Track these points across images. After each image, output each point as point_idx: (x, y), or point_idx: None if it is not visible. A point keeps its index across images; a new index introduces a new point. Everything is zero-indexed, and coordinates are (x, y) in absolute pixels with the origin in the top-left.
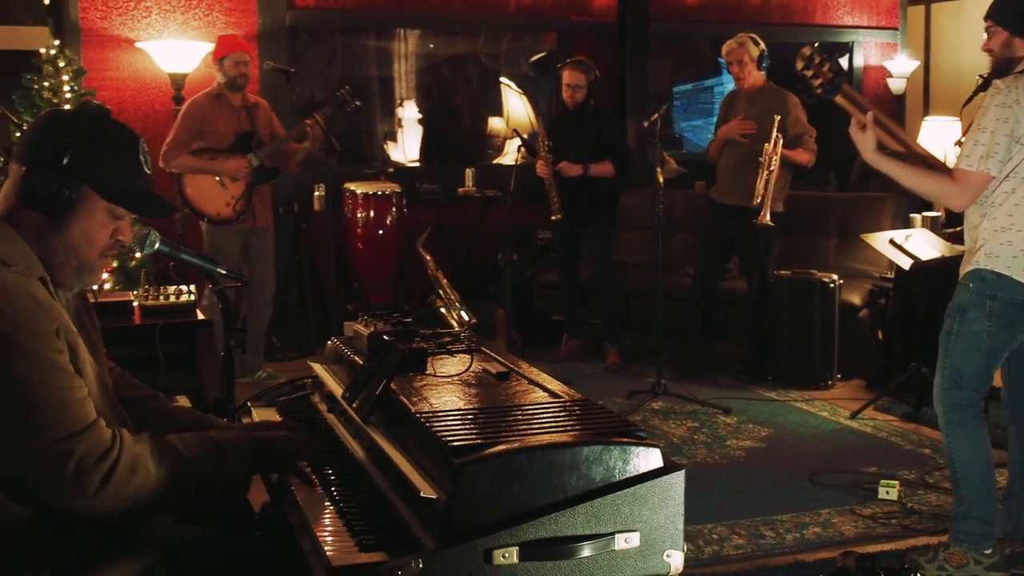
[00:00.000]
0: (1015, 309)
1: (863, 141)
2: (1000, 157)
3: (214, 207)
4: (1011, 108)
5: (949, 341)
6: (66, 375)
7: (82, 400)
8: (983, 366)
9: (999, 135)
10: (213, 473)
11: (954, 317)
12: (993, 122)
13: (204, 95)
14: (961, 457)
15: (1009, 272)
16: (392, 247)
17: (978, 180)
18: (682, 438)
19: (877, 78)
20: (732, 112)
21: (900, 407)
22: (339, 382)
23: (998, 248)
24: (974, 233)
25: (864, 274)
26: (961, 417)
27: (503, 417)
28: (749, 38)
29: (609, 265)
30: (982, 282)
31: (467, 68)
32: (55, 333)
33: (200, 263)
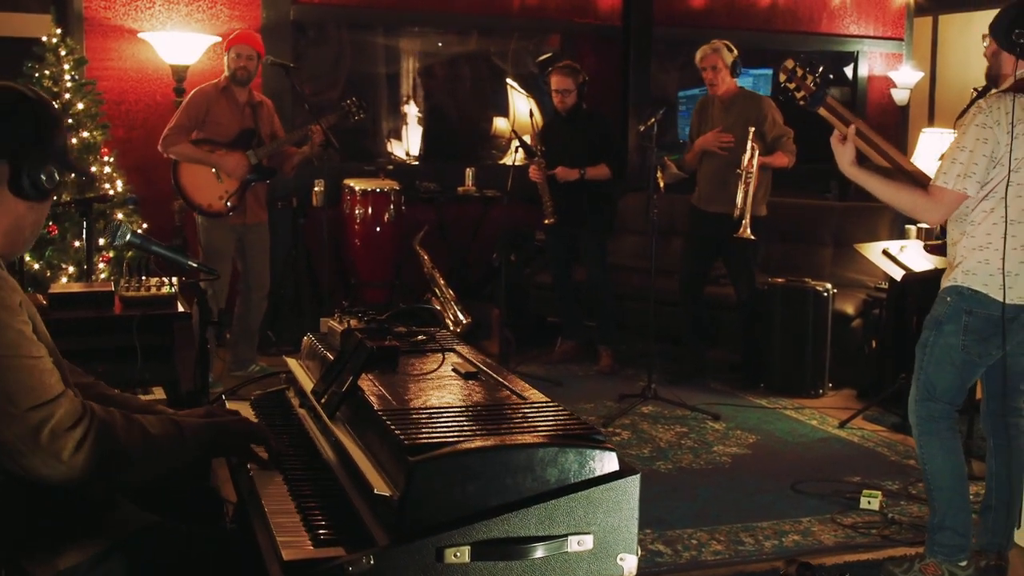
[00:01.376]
0: (990, 325)
1: (841, 153)
2: (978, 177)
3: (206, 199)
4: (991, 129)
5: (925, 353)
6: (35, 346)
7: (51, 370)
8: (956, 380)
9: (977, 155)
10: (175, 450)
11: (931, 330)
12: (972, 142)
13: (212, 85)
14: (933, 468)
15: (985, 290)
16: (389, 244)
17: (952, 198)
18: (669, 443)
19: (881, 88)
20: (705, 119)
21: (889, 417)
22: (312, 378)
23: (975, 266)
24: (953, 250)
25: (859, 284)
26: (933, 428)
27: (464, 417)
28: (724, 44)
29: (603, 268)
30: (959, 297)
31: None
32: (19, 305)
33: (170, 255)
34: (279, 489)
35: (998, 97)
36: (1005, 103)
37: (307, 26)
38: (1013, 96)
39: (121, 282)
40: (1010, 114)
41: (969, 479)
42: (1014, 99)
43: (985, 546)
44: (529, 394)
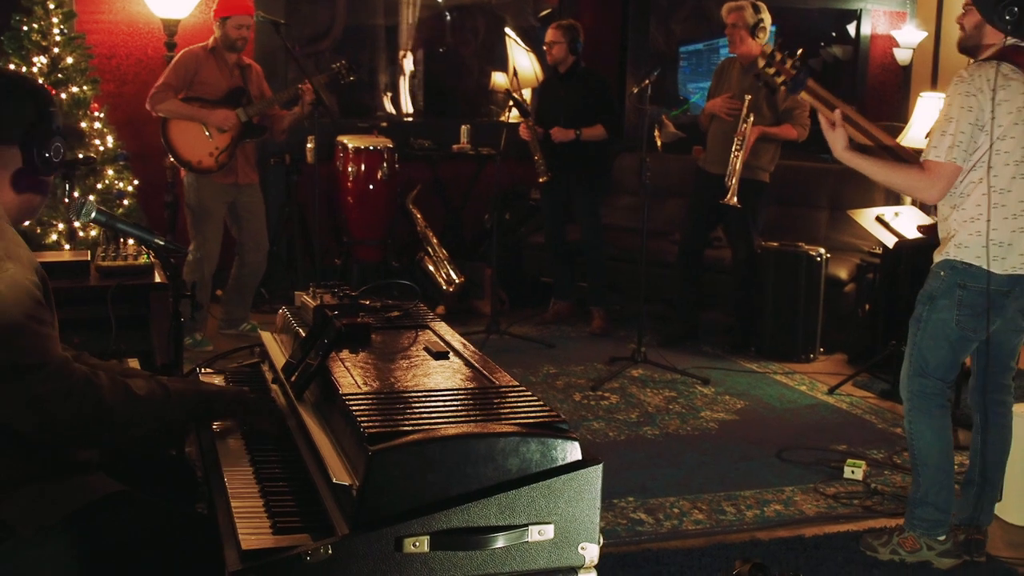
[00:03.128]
0: (984, 298)
1: (833, 138)
2: (965, 146)
3: (196, 155)
4: (975, 96)
5: (918, 328)
6: (41, 308)
7: (52, 336)
8: (950, 355)
9: (963, 124)
10: (159, 411)
11: (924, 304)
12: (958, 111)
13: (200, 47)
14: (921, 444)
15: (979, 262)
16: (382, 203)
17: (948, 170)
18: (657, 407)
19: (884, 47)
20: (724, 81)
21: (878, 384)
22: (285, 353)
23: (967, 239)
24: (945, 225)
25: (854, 248)
26: (925, 405)
27: (429, 402)
28: (750, 3)
29: (597, 228)
30: (952, 271)
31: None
32: (35, 270)
33: (136, 233)
34: (244, 471)
35: (979, 65)
36: (987, 71)
37: None
38: (996, 64)
39: (98, 250)
40: (991, 81)
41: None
42: (997, 67)
43: (965, 520)
44: (497, 377)
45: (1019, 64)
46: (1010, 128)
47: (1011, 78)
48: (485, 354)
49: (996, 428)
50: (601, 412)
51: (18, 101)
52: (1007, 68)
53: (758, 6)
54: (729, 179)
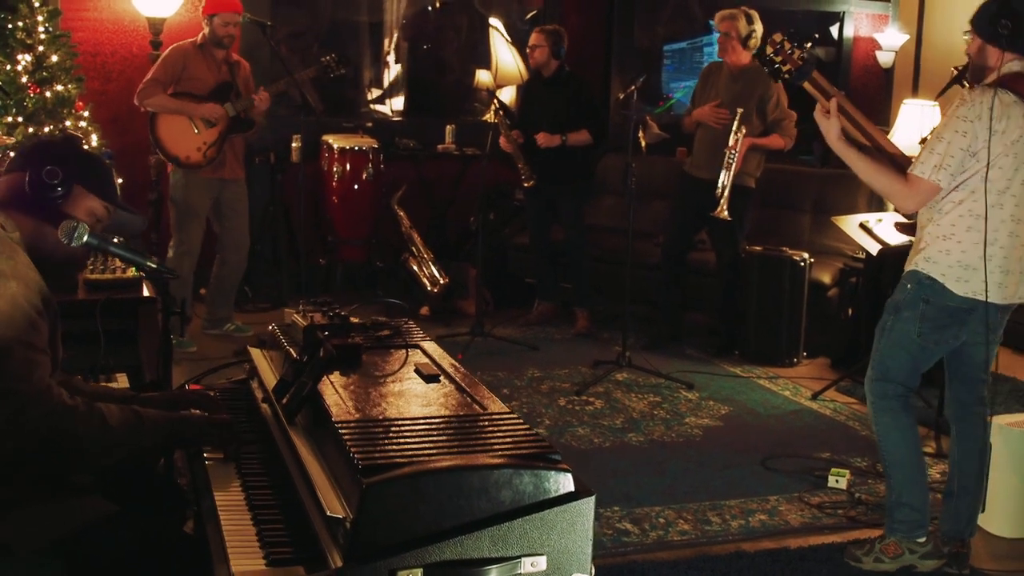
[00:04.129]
0: (946, 314)
1: (827, 127)
2: (952, 170)
3: (184, 151)
4: (972, 123)
5: (882, 336)
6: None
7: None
8: (910, 364)
9: (954, 148)
10: (131, 440)
11: (890, 313)
12: (952, 134)
13: (189, 43)
14: (888, 444)
15: (943, 280)
16: (367, 203)
17: (928, 188)
18: (642, 413)
19: (867, 50)
20: (710, 87)
21: (861, 389)
22: (274, 371)
23: (937, 254)
24: (920, 232)
25: (837, 252)
26: (887, 406)
27: (421, 431)
28: (744, 14)
29: (580, 230)
30: (918, 285)
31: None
32: (42, 298)
33: (129, 256)
34: (235, 495)
35: (982, 91)
36: (987, 98)
37: None
38: (995, 91)
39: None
40: (991, 109)
41: (938, 456)
42: (995, 94)
43: (947, 532)
44: (489, 403)
45: (1020, 92)
46: (999, 158)
47: (1011, 108)
48: (470, 356)
49: (969, 439)
50: (586, 418)
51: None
52: (1008, 97)
53: (751, 16)
54: (720, 192)
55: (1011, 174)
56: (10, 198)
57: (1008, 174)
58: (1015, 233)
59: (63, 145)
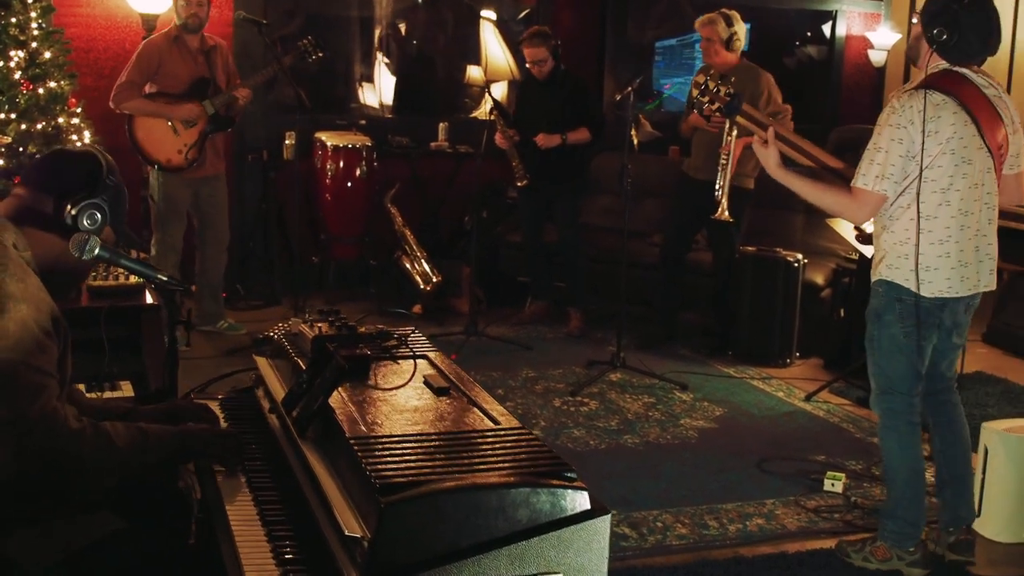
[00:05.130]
0: (921, 310)
1: (766, 156)
2: (895, 178)
3: (165, 154)
4: (905, 128)
5: (873, 347)
6: (43, 356)
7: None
8: (908, 366)
9: (893, 155)
10: (137, 460)
11: (873, 323)
12: (887, 142)
13: (162, 36)
14: (891, 462)
15: (907, 284)
16: (360, 200)
17: (873, 199)
18: (637, 414)
19: (859, 48)
20: None
21: (854, 391)
22: (281, 381)
23: (897, 261)
24: (877, 243)
25: (830, 252)
26: (894, 423)
27: (435, 447)
28: (721, 16)
29: (575, 229)
30: (888, 287)
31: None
32: (53, 320)
33: (140, 269)
34: (247, 510)
35: (910, 95)
36: (917, 101)
37: None
38: (924, 93)
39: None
40: (922, 112)
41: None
42: (925, 96)
43: (949, 522)
44: (500, 416)
45: (949, 91)
46: (939, 157)
47: (941, 107)
48: (464, 356)
49: (948, 426)
50: (581, 419)
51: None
52: (938, 97)
53: (730, 17)
54: (719, 194)
55: (952, 171)
56: (27, 216)
57: (949, 171)
58: (965, 225)
59: (84, 165)
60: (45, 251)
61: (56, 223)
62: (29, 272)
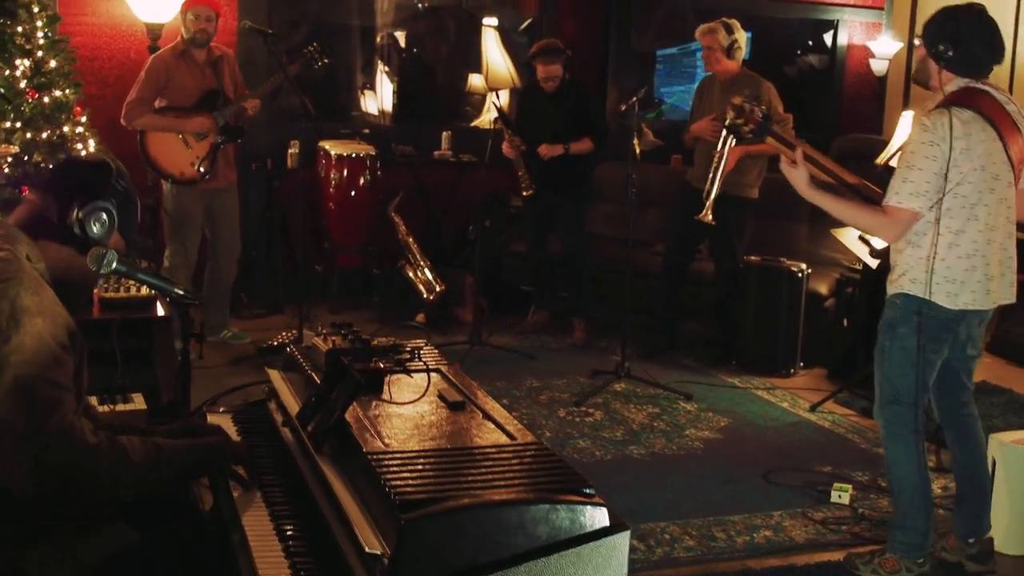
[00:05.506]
0: (939, 326)
1: (795, 176)
2: (930, 195)
3: (178, 167)
4: (938, 146)
5: (883, 358)
6: (60, 371)
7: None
8: (917, 379)
9: (928, 173)
10: (152, 474)
11: (885, 334)
12: (922, 160)
13: (169, 51)
14: (898, 472)
15: (933, 298)
16: (364, 209)
17: (907, 216)
18: (642, 424)
19: (860, 58)
20: (706, 100)
21: (859, 401)
22: (294, 394)
23: (921, 275)
24: (898, 257)
25: (833, 262)
26: (899, 432)
27: (453, 463)
28: (722, 24)
29: (580, 239)
30: (907, 299)
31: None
32: (68, 333)
33: (157, 283)
34: (264, 525)
35: (939, 113)
36: (945, 119)
37: None
38: (948, 112)
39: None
40: (951, 129)
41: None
42: (950, 114)
43: (969, 532)
44: (516, 431)
45: (974, 106)
46: (970, 174)
47: (970, 124)
48: (468, 365)
49: (968, 439)
50: (586, 430)
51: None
52: (966, 114)
53: (731, 26)
54: (706, 196)
55: (981, 186)
56: (39, 224)
57: (979, 187)
58: (991, 240)
59: (98, 173)
60: (58, 262)
61: (67, 232)
62: (44, 285)
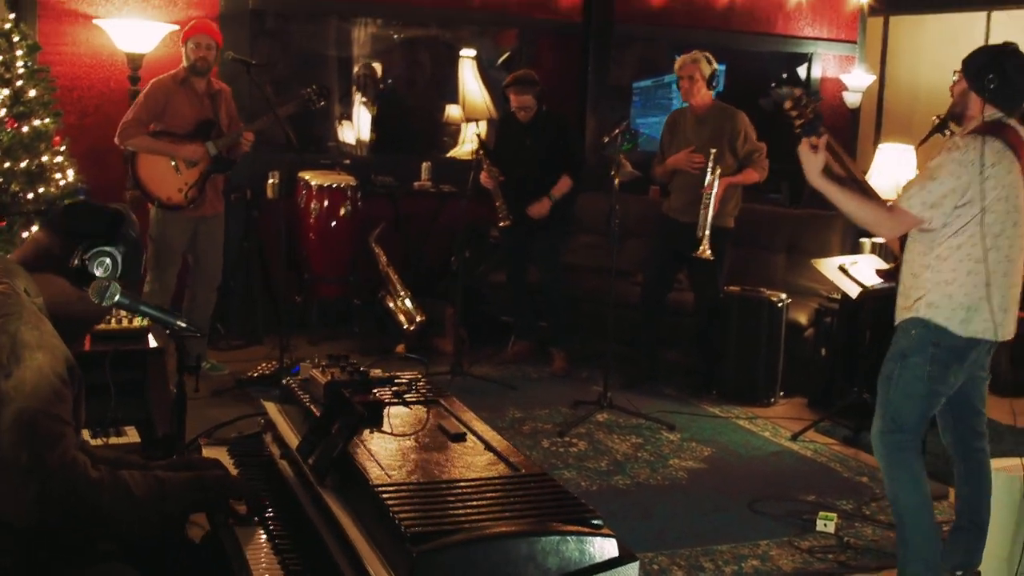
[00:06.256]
0: (953, 355)
1: (811, 161)
2: (945, 210)
3: (166, 192)
4: (967, 167)
5: (890, 386)
6: (60, 404)
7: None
8: (922, 411)
9: (947, 188)
10: (155, 510)
11: (895, 362)
12: (947, 175)
13: (170, 77)
14: (905, 502)
15: (947, 324)
16: (344, 240)
17: (912, 221)
18: (626, 455)
19: (834, 90)
20: (677, 133)
21: (840, 430)
22: (292, 427)
23: (940, 299)
24: (915, 281)
25: (812, 292)
26: (903, 458)
27: (460, 494)
28: (703, 56)
29: (557, 270)
30: (925, 329)
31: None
32: (68, 367)
33: (159, 316)
34: (268, 560)
35: (973, 138)
36: (977, 144)
37: (266, 15)
38: (983, 139)
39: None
40: (982, 155)
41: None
42: (983, 141)
43: (957, 566)
44: (519, 463)
45: (1005, 138)
46: (994, 203)
47: (1002, 154)
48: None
49: (977, 475)
50: (571, 460)
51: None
52: (997, 144)
53: (710, 57)
54: (701, 231)
55: (1004, 218)
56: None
57: (1002, 218)
58: (1008, 273)
59: (110, 221)
60: (57, 296)
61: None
62: (43, 319)
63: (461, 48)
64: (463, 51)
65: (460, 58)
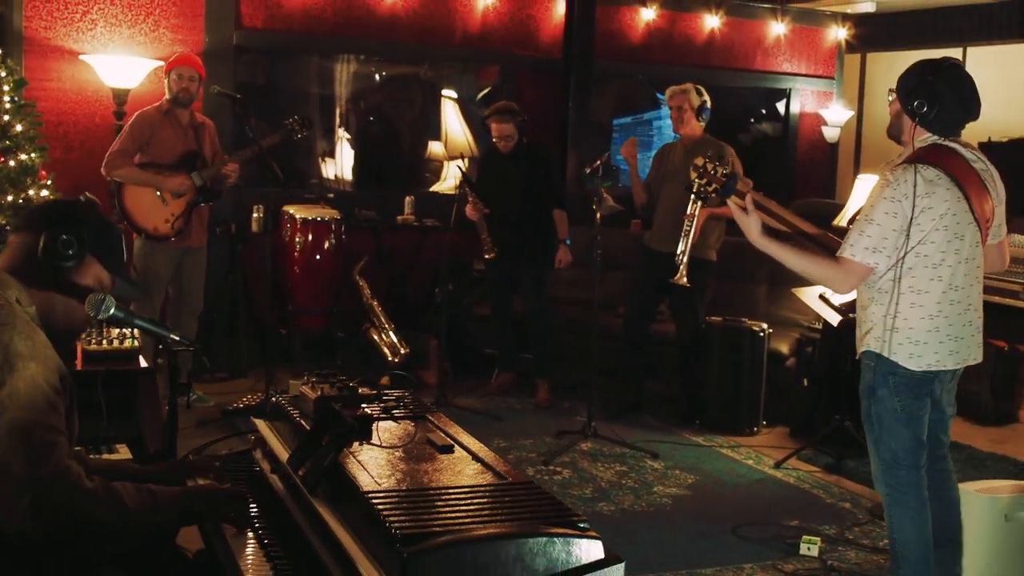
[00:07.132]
0: (913, 383)
1: (747, 223)
2: (888, 252)
3: (152, 223)
4: (900, 202)
5: (872, 423)
6: (53, 415)
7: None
8: (911, 437)
9: (887, 230)
10: (147, 520)
11: (867, 399)
12: (882, 216)
13: (154, 109)
14: (904, 539)
15: (895, 358)
16: (328, 273)
17: (861, 270)
18: (610, 482)
19: (812, 125)
20: (667, 164)
21: (822, 458)
22: (282, 442)
23: (884, 334)
24: (864, 314)
25: (793, 322)
26: (904, 498)
27: (450, 499)
28: (693, 87)
29: (543, 301)
30: (879, 361)
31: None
32: (60, 377)
33: (154, 329)
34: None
35: (904, 169)
36: (909, 176)
37: (249, 50)
38: (914, 168)
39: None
40: (915, 186)
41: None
42: (915, 171)
43: None
44: (506, 472)
45: (941, 165)
46: (931, 233)
47: (936, 183)
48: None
49: (944, 491)
50: (556, 488)
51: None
52: (931, 173)
53: (700, 89)
54: (679, 259)
55: (944, 247)
56: (22, 265)
57: (942, 247)
58: (955, 300)
59: (81, 210)
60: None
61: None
62: (35, 329)
63: (443, 85)
64: (445, 91)
65: (442, 98)
